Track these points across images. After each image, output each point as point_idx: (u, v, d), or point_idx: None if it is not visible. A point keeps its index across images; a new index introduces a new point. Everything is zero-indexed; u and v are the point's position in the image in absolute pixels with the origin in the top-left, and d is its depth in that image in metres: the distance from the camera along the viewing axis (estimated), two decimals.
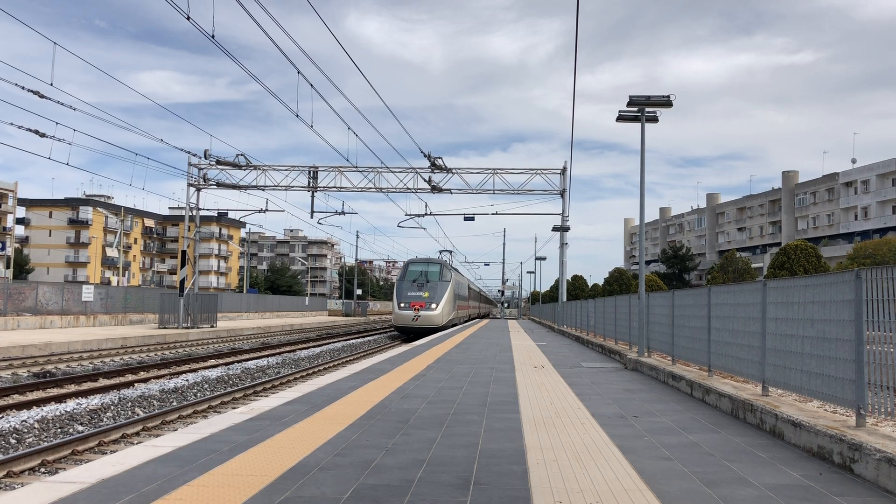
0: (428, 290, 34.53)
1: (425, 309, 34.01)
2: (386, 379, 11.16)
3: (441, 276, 36.05)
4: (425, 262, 37.42)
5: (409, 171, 35.73)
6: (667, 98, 15.21)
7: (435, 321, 34.22)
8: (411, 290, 34.75)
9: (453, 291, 37.53)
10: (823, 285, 6.66)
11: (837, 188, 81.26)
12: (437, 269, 36.65)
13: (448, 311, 35.90)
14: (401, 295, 34.95)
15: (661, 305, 13.78)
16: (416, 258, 38.91)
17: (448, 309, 35.85)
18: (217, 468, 5.12)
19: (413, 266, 36.93)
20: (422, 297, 34.34)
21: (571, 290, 68.42)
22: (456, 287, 39.80)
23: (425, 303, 34.12)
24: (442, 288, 35.30)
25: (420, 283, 34.99)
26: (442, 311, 34.68)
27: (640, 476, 5.14)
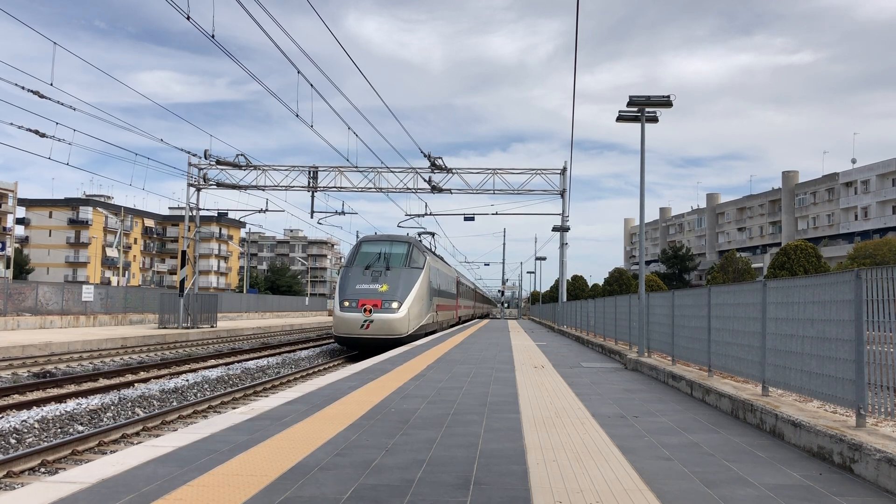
0: (387, 282, 23.46)
1: (382, 310, 22.68)
2: (386, 379, 11.16)
3: (409, 262, 24.69)
4: (385, 242, 25.68)
5: (409, 171, 35.73)
6: (667, 98, 15.21)
7: (396, 328, 22.79)
8: (362, 281, 23.58)
9: (428, 284, 26.27)
10: (823, 285, 6.66)
11: (837, 188, 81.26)
12: (403, 250, 25.12)
13: (418, 312, 24.46)
14: (345, 289, 23.54)
15: (661, 305, 13.78)
16: (372, 235, 27.34)
17: (419, 309, 24.41)
18: (217, 468, 5.12)
19: (367, 247, 25.31)
20: (376, 291, 23.10)
21: (571, 290, 68.45)
22: (435, 278, 28.67)
23: (382, 300, 22.80)
24: (409, 278, 24.15)
25: (376, 272, 23.86)
26: (407, 314, 23.26)
27: (640, 476, 5.14)
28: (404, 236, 27.27)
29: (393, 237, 26.50)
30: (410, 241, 26.20)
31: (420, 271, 24.94)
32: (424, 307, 25.48)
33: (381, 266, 24.12)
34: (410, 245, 25.65)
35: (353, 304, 22.75)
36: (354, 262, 24.69)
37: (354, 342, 23.12)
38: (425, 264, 25.82)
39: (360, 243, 25.79)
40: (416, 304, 23.98)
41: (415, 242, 26.45)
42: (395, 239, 26.09)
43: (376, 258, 24.54)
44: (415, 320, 24.03)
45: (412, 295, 23.70)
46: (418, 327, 24.55)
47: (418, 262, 25.32)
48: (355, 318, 22.53)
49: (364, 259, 24.68)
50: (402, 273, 24.11)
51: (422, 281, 24.87)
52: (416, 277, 24.46)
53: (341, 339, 23.31)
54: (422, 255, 25.98)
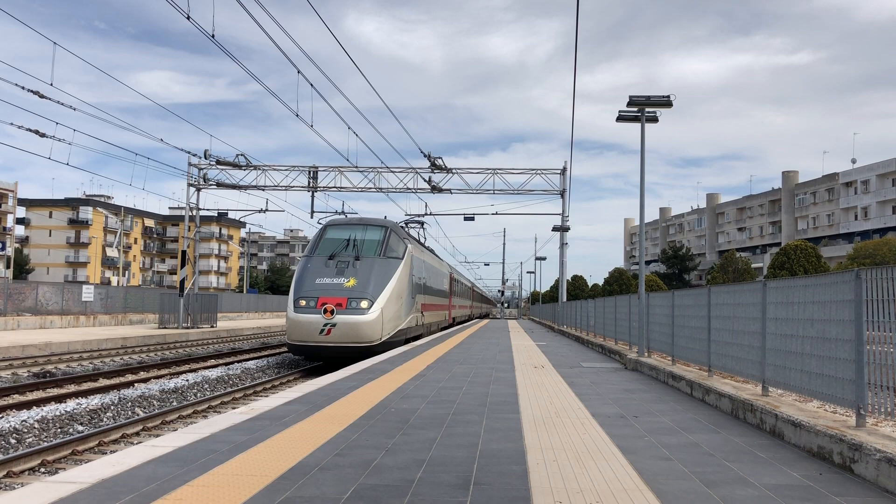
0: (356, 276, 19.02)
1: (347, 310, 18.24)
2: (386, 379, 11.16)
3: (384, 250, 20.21)
4: (356, 226, 20.99)
5: (409, 171, 35.73)
6: (667, 98, 15.21)
7: (365, 333, 18.26)
8: (324, 273, 19.15)
9: (410, 279, 21.65)
10: (823, 285, 6.66)
11: (837, 188, 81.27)
12: (378, 236, 20.58)
13: (396, 312, 19.86)
14: (302, 283, 19.06)
15: (661, 305, 13.78)
16: (341, 218, 23.20)
17: (396, 309, 19.88)
18: (217, 468, 5.12)
19: (332, 231, 20.78)
20: (341, 286, 18.74)
21: (571, 290, 68.47)
22: (419, 272, 24.17)
23: (348, 298, 18.46)
24: (385, 271, 19.68)
25: (343, 263, 19.37)
26: (381, 315, 18.68)
27: (640, 476, 5.14)
28: (380, 219, 22.34)
29: (366, 220, 21.52)
30: (388, 225, 21.31)
31: (399, 262, 20.28)
32: (405, 307, 20.82)
33: (350, 255, 19.49)
34: (387, 230, 20.80)
35: (310, 302, 18.27)
36: (316, 251, 19.91)
37: (312, 351, 18.41)
38: (406, 254, 21.00)
39: (325, 227, 21.02)
40: (392, 303, 19.36)
41: (393, 227, 21.49)
42: (368, 222, 21.19)
43: (343, 245, 19.80)
44: (391, 323, 19.29)
45: (388, 291, 19.14)
46: (395, 332, 19.80)
47: (397, 251, 20.59)
48: (313, 321, 17.97)
49: (328, 246, 19.92)
50: (376, 264, 19.48)
51: (401, 274, 20.21)
52: (394, 270, 19.84)
53: (296, 347, 18.52)
54: (402, 243, 21.23)
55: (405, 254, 20.98)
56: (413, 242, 24.24)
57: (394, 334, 19.63)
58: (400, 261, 20.38)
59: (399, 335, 20.34)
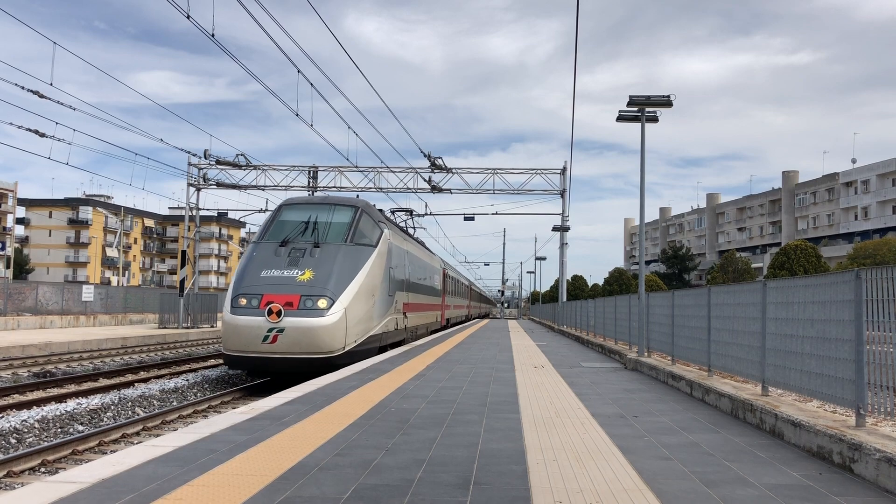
0: (313, 267, 15.13)
1: (300, 311, 14.37)
2: (386, 379, 11.16)
3: (353, 236, 16.26)
4: (319, 206, 17.17)
5: (409, 171, 35.74)
6: (667, 98, 15.21)
7: (322, 341, 14.30)
8: (272, 264, 15.33)
9: (387, 272, 17.71)
10: (823, 285, 6.66)
11: (837, 188, 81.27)
12: (345, 218, 16.64)
13: (366, 314, 15.89)
14: (243, 277, 15.32)
15: (661, 305, 13.78)
16: (300, 197, 19.02)
17: (366, 310, 15.88)
18: (217, 468, 5.12)
19: (289, 212, 17.01)
20: (293, 280, 14.88)
21: (571, 290, 68.47)
22: (400, 264, 20.13)
23: (301, 296, 14.59)
24: (352, 261, 15.75)
25: (297, 251, 15.57)
26: (344, 317, 14.70)
27: (640, 476, 5.14)
28: (350, 198, 18.62)
29: (331, 199, 17.79)
30: (359, 205, 17.31)
31: (371, 251, 16.33)
32: (378, 306, 16.72)
33: (307, 242, 15.61)
34: (357, 211, 16.79)
35: (252, 301, 14.33)
36: (265, 236, 16.12)
37: (253, 365, 14.41)
38: (381, 241, 17.11)
39: (280, 207, 17.21)
40: (360, 302, 15.28)
41: (366, 208, 17.53)
42: (333, 201, 17.28)
43: (301, 230, 15.94)
44: (358, 327, 15.17)
45: (354, 287, 15.08)
46: (366, 338, 15.69)
47: (369, 238, 16.66)
48: (254, 326, 13.96)
49: (281, 230, 16.10)
50: (341, 253, 15.52)
51: (374, 266, 16.21)
52: (364, 260, 15.87)
53: (232, 359, 14.48)
54: (376, 228, 17.22)
55: (380, 241, 17.10)
56: (392, 228, 19.93)
57: (363, 341, 15.53)
58: (373, 249, 16.47)
59: (371, 342, 16.18)
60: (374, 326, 16.56)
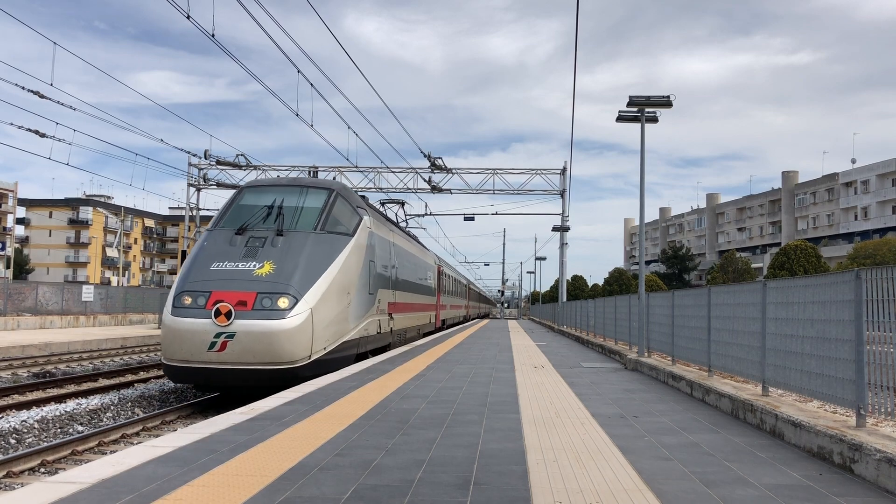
0: (274, 259, 12.67)
1: (255, 311, 11.83)
2: (386, 379, 11.16)
3: (324, 222, 13.88)
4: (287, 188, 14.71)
5: (409, 171, 35.75)
6: (667, 98, 15.22)
7: (282, 348, 11.74)
8: (224, 256, 12.76)
9: (366, 266, 15.30)
10: (823, 285, 6.66)
11: (837, 188, 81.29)
12: (317, 202, 14.29)
13: (338, 315, 13.36)
14: (189, 272, 12.71)
15: (661, 306, 13.78)
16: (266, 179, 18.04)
17: (340, 311, 13.48)
18: (217, 468, 5.12)
19: (251, 195, 14.54)
20: (249, 275, 12.35)
21: (571, 291, 68.48)
22: (384, 257, 17.63)
23: (258, 293, 12.02)
24: (322, 252, 13.33)
25: (256, 241, 13.09)
26: (310, 319, 12.15)
27: (640, 476, 5.14)
28: (324, 180, 16.29)
29: (302, 180, 15.50)
30: (334, 187, 14.77)
31: (347, 240, 13.88)
32: (356, 306, 14.28)
33: (269, 229, 13.13)
34: (332, 194, 14.30)
35: (198, 300, 11.84)
36: (220, 223, 13.66)
37: (198, 378, 11.97)
38: (360, 229, 14.66)
39: (241, 189, 14.79)
40: (331, 301, 12.83)
41: (342, 191, 15.01)
42: (303, 183, 14.87)
43: (263, 215, 13.45)
44: (329, 330, 12.70)
45: (324, 282, 12.62)
46: (339, 343, 13.22)
47: (345, 225, 14.25)
48: (198, 330, 11.54)
49: (239, 216, 13.58)
50: (310, 242, 13.06)
51: (350, 258, 13.77)
52: (338, 251, 13.42)
53: (173, 370, 11.94)
54: (353, 215, 14.76)
55: (358, 229, 14.56)
56: (375, 215, 17.53)
57: (335, 348, 13.00)
58: (348, 238, 13.97)
59: (345, 349, 13.62)
60: (350, 330, 13.88)
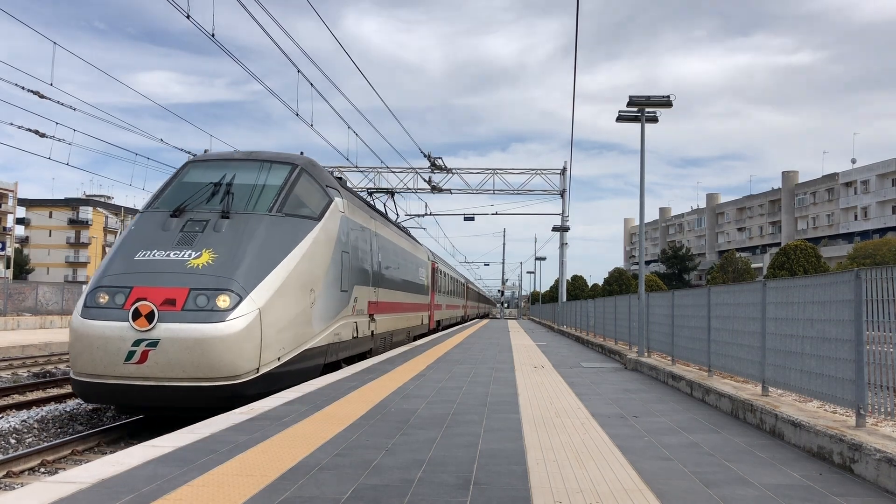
0: (215, 247, 10.04)
1: (184, 313, 9.17)
2: (386, 379, 11.16)
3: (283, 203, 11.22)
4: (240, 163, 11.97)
5: (409, 171, 35.77)
6: (667, 98, 15.21)
7: (221, 361, 9.13)
8: (154, 243, 10.14)
9: (336, 257, 12.49)
10: (823, 285, 6.66)
11: (837, 188, 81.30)
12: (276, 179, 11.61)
13: (299, 318, 10.71)
14: (109, 265, 10.02)
15: (661, 306, 13.78)
16: (216, 154, 13.69)
17: (299, 312, 10.73)
18: (217, 468, 5.12)
19: (196, 171, 11.91)
20: (182, 266, 9.69)
21: (571, 291, 68.49)
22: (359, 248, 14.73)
23: (190, 289, 9.35)
24: (278, 238, 10.67)
25: (195, 225, 10.47)
26: (258, 322, 9.52)
27: (640, 476, 5.14)
28: (288, 154, 12.69)
29: (259, 154, 12.33)
30: (298, 162, 12.18)
31: (311, 226, 11.42)
32: (323, 306, 11.72)
33: (213, 211, 10.77)
34: (294, 170, 11.85)
35: (115, 298, 9.47)
36: (155, 203, 11.32)
37: (114, 397, 9.56)
38: (328, 213, 12.12)
39: (186, 165, 12.20)
40: (288, 299, 10.44)
41: (308, 166, 12.33)
42: (261, 157, 12.14)
43: (207, 194, 11.07)
44: (283, 336, 10.26)
45: (280, 276, 10.25)
46: (301, 352, 10.81)
47: (310, 207, 11.78)
48: (110, 336, 9.17)
49: (178, 195, 11.22)
50: (263, 227, 10.70)
51: (314, 247, 11.32)
52: (299, 238, 11.01)
53: (83, 387, 9.55)
54: (321, 195, 12.22)
55: (327, 213, 12.05)
56: (351, 199, 14.51)
57: (294, 357, 10.52)
58: (314, 223, 11.45)
59: (308, 358, 11.11)
60: (314, 335, 11.27)
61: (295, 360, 10.68)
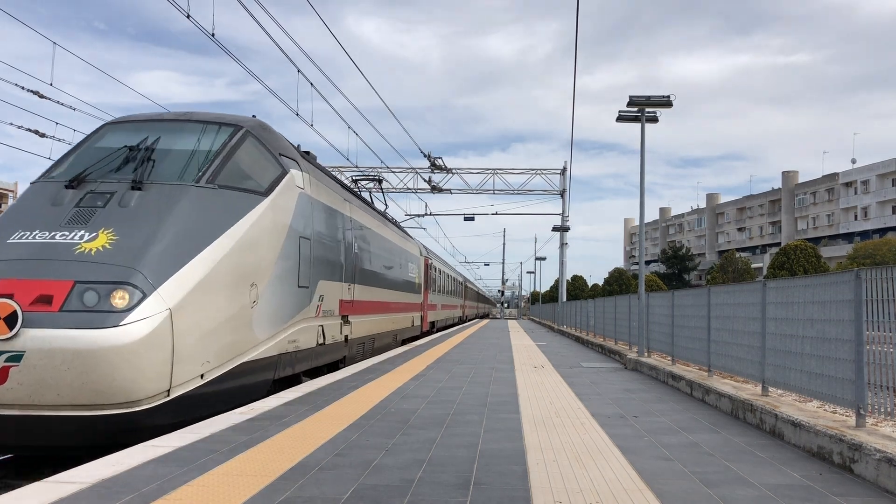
0: (118, 226, 7.51)
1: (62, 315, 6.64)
2: (386, 379, 11.17)
3: (216, 170, 8.62)
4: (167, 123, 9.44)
5: (409, 171, 35.78)
6: (667, 98, 15.22)
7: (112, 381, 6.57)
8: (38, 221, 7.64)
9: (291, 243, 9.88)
10: (823, 285, 6.67)
11: (837, 188, 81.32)
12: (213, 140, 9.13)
13: (234, 320, 8.15)
14: None
15: (661, 305, 13.78)
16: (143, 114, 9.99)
17: (234, 315, 8.15)
18: (217, 468, 5.13)
19: (113, 133, 9.28)
20: (69, 250, 7.16)
21: (571, 291, 68.48)
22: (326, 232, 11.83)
23: (75, 282, 6.84)
24: (209, 215, 8.12)
25: (96, 198, 7.89)
26: (167, 326, 7.01)
27: (640, 476, 5.14)
28: (235, 116, 10.30)
29: (194, 115, 9.92)
30: (244, 124, 9.86)
31: (256, 202, 9.03)
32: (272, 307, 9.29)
33: (121, 181, 8.34)
34: (237, 132, 9.54)
35: None
36: (53, 172, 8.91)
37: None
38: (280, 186, 9.78)
39: (102, 127, 9.78)
40: (215, 297, 7.89)
41: (255, 129, 9.99)
42: (197, 118, 9.75)
43: (118, 162, 8.66)
44: (208, 345, 7.75)
45: (203, 266, 7.75)
46: (234, 367, 8.27)
47: (255, 178, 9.37)
48: None
49: (82, 162, 8.79)
50: (184, 201, 8.19)
51: (257, 228, 8.87)
52: (237, 217, 8.55)
53: None
54: (271, 165, 9.87)
55: (279, 186, 9.63)
56: (313, 172, 11.63)
57: (226, 374, 8.11)
58: (259, 198, 9.07)
59: (249, 374, 8.74)
60: (258, 343, 8.79)
61: (227, 377, 8.09)
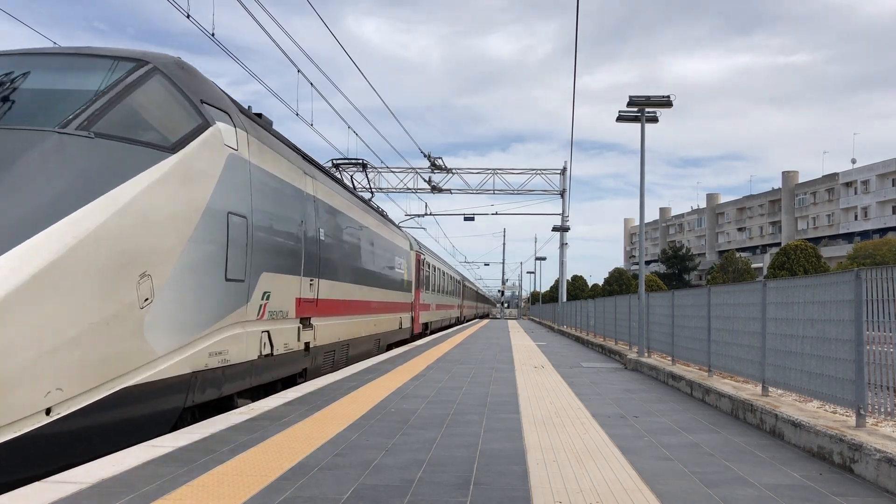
0: None
1: None
2: (386, 379, 11.16)
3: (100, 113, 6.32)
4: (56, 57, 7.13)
5: (409, 171, 35.79)
6: (667, 98, 15.22)
7: None
8: None
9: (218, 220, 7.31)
10: (823, 285, 6.67)
11: (837, 188, 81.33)
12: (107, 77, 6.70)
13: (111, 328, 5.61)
14: None
15: (661, 306, 13.78)
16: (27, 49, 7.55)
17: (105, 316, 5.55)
18: (217, 468, 5.12)
19: None
20: None
21: (571, 291, 68.48)
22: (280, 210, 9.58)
23: None
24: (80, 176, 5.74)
25: None
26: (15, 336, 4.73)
27: (640, 476, 5.14)
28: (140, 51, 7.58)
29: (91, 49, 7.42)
30: (151, 60, 7.30)
31: (157, 158, 6.54)
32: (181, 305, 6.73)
33: None
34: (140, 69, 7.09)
35: None
36: None
37: None
38: (199, 141, 7.21)
39: None
40: (76, 292, 5.38)
41: (168, 67, 7.46)
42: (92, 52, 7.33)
43: None
44: (57, 359, 5.20)
45: (54, 244, 5.25)
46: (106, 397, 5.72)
47: (157, 129, 6.86)
48: None
49: None
50: (37, 153, 5.75)
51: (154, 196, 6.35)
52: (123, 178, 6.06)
53: None
54: (187, 113, 7.29)
55: (194, 142, 7.21)
56: (253, 130, 9.50)
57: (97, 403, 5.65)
58: (163, 155, 6.70)
59: (140, 401, 6.26)
60: (156, 357, 6.46)
61: (98, 409, 5.73)
